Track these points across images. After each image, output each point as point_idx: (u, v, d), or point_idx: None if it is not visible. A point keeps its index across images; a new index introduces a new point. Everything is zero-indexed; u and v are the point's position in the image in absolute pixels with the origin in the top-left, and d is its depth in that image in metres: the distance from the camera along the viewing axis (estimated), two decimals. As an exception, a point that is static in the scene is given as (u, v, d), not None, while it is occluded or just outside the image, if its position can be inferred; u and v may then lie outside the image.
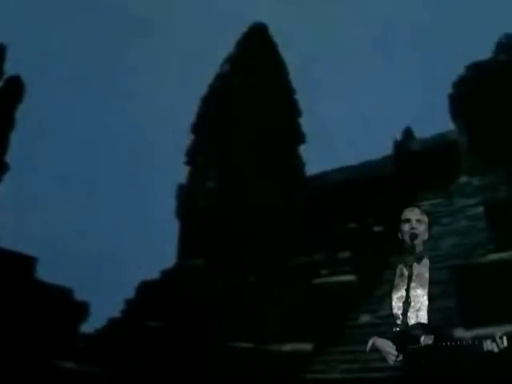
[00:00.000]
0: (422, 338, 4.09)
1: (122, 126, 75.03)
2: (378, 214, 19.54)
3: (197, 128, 31.20)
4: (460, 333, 12.16)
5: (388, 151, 24.76)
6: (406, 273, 4.43)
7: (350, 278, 17.35)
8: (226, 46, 32.84)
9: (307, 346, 15.54)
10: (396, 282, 4.47)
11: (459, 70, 22.10)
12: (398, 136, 24.63)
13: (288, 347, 15.81)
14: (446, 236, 16.05)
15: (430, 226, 4.66)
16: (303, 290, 16.81)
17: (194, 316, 21.51)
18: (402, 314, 4.27)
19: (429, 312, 4.28)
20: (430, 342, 4.06)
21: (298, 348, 15.59)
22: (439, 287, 4.28)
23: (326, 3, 78.87)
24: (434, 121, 25.03)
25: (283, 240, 26.92)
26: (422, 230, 4.51)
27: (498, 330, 11.62)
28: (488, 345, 4.17)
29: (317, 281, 18.05)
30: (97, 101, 79.07)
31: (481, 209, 17.07)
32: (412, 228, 4.48)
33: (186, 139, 31.44)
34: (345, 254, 18.36)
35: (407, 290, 4.32)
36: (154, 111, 76.35)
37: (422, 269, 4.42)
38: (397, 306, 4.36)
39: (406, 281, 4.38)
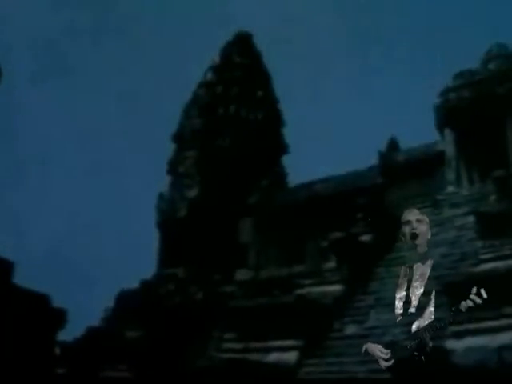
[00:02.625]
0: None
1: (104, 131, 74.64)
2: (364, 223, 19.26)
3: (179, 137, 30.93)
4: (451, 344, 11.91)
5: (373, 162, 24.57)
6: (408, 273, 4.47)
7: (336, 288, 17.03)
8: (212, 53, 32.66)
9: (291, 357, 15.15)
10: (400, 282, 4.48)
11: (445, 79, 22.02)
12: (383, 147, 24.41)
13: (271, 358, 15.42)
14: (435, 246, 15.75)
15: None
16: (287, 300, 16.40)
17: (174, 326, 21.15)
18: (403, 314, 4.30)
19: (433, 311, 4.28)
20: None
21: (282, 359, 15.20)
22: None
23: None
24: (420, 131, 24.90)
25: (265, 250, 26.67)
26: (423, 229, 4.49)
27: (489, 341, 11.34)
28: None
29: (301, 291, 17.70)
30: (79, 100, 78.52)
31: (469, 219, 16.89)
32: (413, 229, 4.47)
33: (168, 148, 31.23)
34: (330, 264, 18.03)
35: (407, 290, 4.36)
36: (136, 117, 75.93)
37: (426, 269, 4.42)
38: (399, 305, 4.38)
39: (408, 281, 4.42)
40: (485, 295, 3.92)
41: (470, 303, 3.93)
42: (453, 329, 12.03)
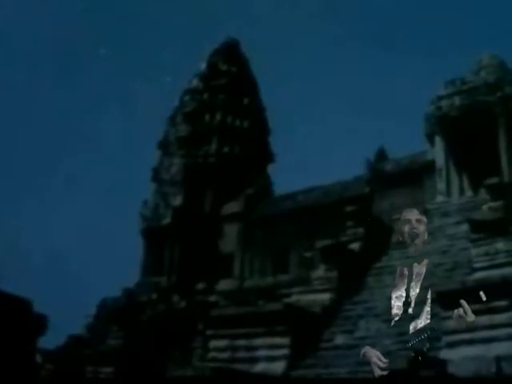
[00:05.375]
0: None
1: (88, 138, 74.49)
2: (352, 231, 18.98)
3: (164, 143, 30.60)
4: (446, 354, 11.60)
5: (360, 171, 24.37)
6: (406, 273, 4.40)
7: (324, 296, 16.68)
8: (198, 59, 32.43)
9: (279, 367, 14.74)
10: (396, 282, 4.42)
11: (433, 88, 21.87)
12: (371, 156, 24.19)
13: (259, 368, 14.99)
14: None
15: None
16: (275, 308, 15.99)
17: (156, 335, 20.77)
18: (402, 314, 4.24)
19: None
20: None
21: (270, 369, 14.79)
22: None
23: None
24: (407, 141, 24.85)
25: (250, 260, 26.36)
26: (422, 229, 4.47)
27: (485, 350, 10.97)
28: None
29: (289, 300, 17.33)
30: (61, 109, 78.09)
31: (461, 228, 16.70)
32: (412, 228, 4.43)
33: (153, 155, 30.98)
34: (319, 273, 17.69)
35: (407, 290, 4.30)
36: (121, 124, 75.65)
37: (422, 268, 4.41)
38: (396, 305, 4.32)
39: (406, 281, 4.35)
40: (484, 297, 3.91)
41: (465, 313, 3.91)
42: (447, 338, 11.74)
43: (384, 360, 4.04)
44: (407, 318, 4.18)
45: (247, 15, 75.87)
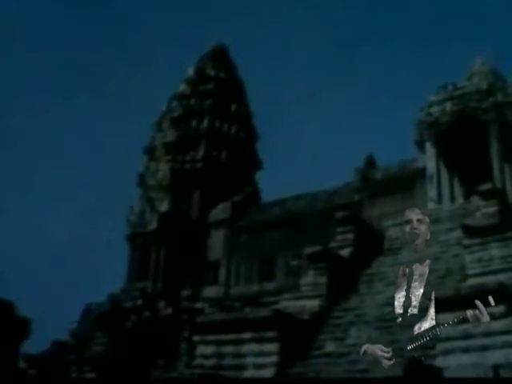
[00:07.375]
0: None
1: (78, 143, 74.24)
2: (342, 237, 18.73)
3: (150, 149, 30.34)
4: (442, 361, 11.34)
5: (349, 179, 24.22)
6: (407, 272, 4.47)
7: (313, 303, 16.37)
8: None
9: (267, 375, 14.42)
10: (398, 282, 4.47)
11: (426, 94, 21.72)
12: (360, 164, 24.02)
13: (246, 375, 14.66)
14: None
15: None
16: (263, 314, 15.68)
17: (141, 341, 20.45)
18: (403, 313, 4.29)
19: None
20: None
21: (258, 375, 14.46)
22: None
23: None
24: (398, 147, 24.73)
25: (236, 267, 26.11)
26: (423, 230, 4.62)
27: (481, 358, 10.70)
28: None
29: (277, 306, 17.01)
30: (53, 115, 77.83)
31: (453, 234, 16.52)
32: (413, 228, 4.56)
33: (139, 161, 30.73)
34: (308, 279, 17.38)
35: (407, 291, 4.36)
36: (110, 130, 75.52)
37: (424, 269, 4.52)
38: (399, 305, 4.36)
39: (407, 281, 4.39)
40: (493, 302, 4.02)
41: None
42: (442, 346, 11.46)
43: (387, 349, 4.06)
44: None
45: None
